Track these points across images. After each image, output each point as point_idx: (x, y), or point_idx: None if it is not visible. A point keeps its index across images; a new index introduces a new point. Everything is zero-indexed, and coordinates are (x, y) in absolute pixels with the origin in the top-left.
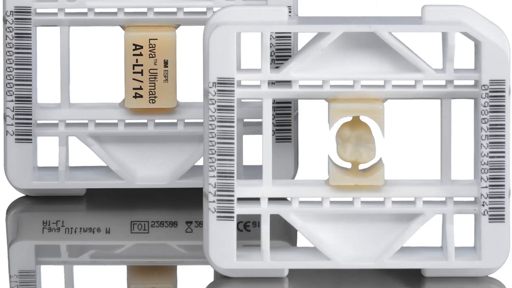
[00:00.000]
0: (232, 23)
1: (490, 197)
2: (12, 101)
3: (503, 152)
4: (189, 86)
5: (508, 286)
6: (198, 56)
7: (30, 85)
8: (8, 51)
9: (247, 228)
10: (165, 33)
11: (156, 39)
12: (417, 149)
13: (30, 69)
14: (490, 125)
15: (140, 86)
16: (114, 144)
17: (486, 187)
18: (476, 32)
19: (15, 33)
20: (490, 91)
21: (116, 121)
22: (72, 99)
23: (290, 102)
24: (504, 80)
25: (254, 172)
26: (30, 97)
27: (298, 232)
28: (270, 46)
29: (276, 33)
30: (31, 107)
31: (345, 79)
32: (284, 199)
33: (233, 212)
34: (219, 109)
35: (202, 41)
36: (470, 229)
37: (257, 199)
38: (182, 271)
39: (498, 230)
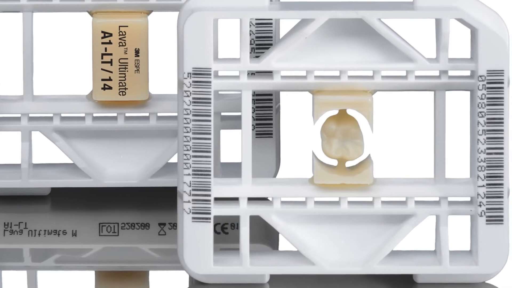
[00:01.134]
0: (208, 8)
1: (487, 197)
2: None
3: (502, 148)
4: (162, 77)
5: None
6: (172, 45)
7: None
8: None
9: (225, 230)
10: (136, 20)
11: (127, 26)
12: (409, 145)
13: None
14: (488, 119)
15: (109, 77)
16: (81, 139)
17: (483, 186)
18: (472, 19)
19: None
20: (488, 82)
21: (83, 114)
22: (36, 91)
23: (271, 94)
24: (503, 70)
25: (233, 170)
26: None
27: (280, 235)
28: (250, 34)
29: (256, 19)
30: None
31: (331, 69)
32: (265, 199)
33: (209, 213)
34: (194, 102)
35: (176, 28)
36: (466, 231)
37: (236, 199)
38: (155, 276)
39: (496, 233)
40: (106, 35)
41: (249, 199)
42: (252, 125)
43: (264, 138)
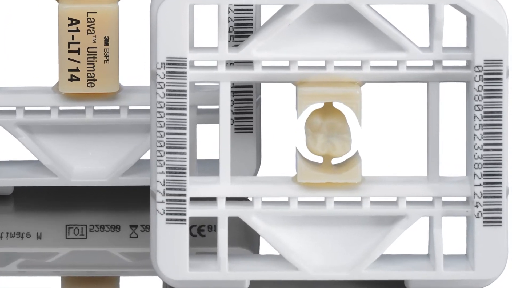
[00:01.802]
0: None
1: (484, 197)
2: None
3: (500, 144)
4: (133, 68)
5: None
6: (144, 33)
7: None
8: None
9: (202, 233)
10: (106, 6)
11: (96, 13)
12: (400, 141)
13: None
14: (485, 112)
15: (77, 68)
16: (47, 134)
17: (480, 185)
18: (469, 4)
19: None
20: (485, 73)
21: (48, 108)
22: None
23: (251, 86)
24: (501, 60)
25: (210, 167)
26: None
27: (260, 238)
28: (228, 21)
29: (235, 5)
30: None
31: (316, 59)
32: (245, 199)
33: (185, 214)
34: (168, 94)
35: (149, 14)
36: (461, 233)
37: (213, 199)
38: (126, 282)
39: (494, 235)
40: (73, 22)
41: (228, 199)
42: (231, 119)
43: (243, 133)
